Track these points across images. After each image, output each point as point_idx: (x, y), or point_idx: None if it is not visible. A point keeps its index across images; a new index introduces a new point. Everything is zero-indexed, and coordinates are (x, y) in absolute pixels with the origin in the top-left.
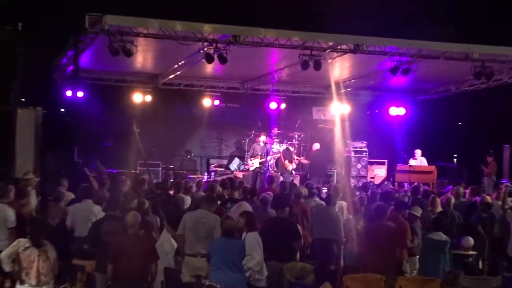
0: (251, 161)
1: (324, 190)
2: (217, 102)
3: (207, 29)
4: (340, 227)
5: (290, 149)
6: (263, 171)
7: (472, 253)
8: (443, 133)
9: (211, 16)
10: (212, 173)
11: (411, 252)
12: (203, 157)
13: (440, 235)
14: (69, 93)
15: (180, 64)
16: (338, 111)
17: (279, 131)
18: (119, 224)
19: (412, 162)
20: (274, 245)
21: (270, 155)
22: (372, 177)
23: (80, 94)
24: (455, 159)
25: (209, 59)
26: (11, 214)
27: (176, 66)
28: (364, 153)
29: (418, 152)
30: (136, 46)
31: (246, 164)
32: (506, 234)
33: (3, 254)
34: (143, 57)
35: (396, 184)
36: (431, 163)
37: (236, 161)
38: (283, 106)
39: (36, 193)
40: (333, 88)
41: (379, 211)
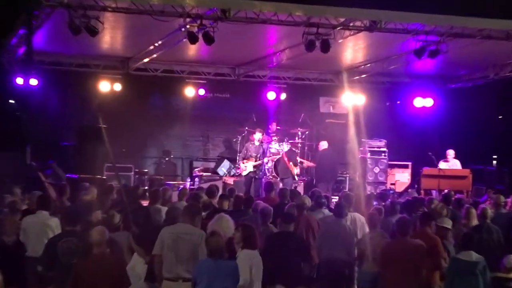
0: (243, 164)
1: (334, 200)
2: (202, 92)
3: (189, 1)
4: (352, 244)
5: (294, 149)
6: (258, 176)
7: None
8: (480, 130)
9: None
10: (196, 179)
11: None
12: (185, 159)
13: (470, 255)
14: (20, 80)
15: (156, 45)
16: (350, 102)
17: (278, 127)
18: (80, 242)
19: (442, 165)
20: (279, 266)
21: (267, 156)
22: (392, 184)
23: (34, 82)
24: (494, 161)
25: (192, 39)
26: None
27: (151, 48)
28: (383, 154)
29: (450, 153)
30: (103, 23)
31: (238, 168)
32: None
33: None
34: (111, 36)
35: (422, 192)
36: (465, 166)
37: (226, 164)
38: (283, 96)
39: None
40: (345, 75)
41: (401, 225)
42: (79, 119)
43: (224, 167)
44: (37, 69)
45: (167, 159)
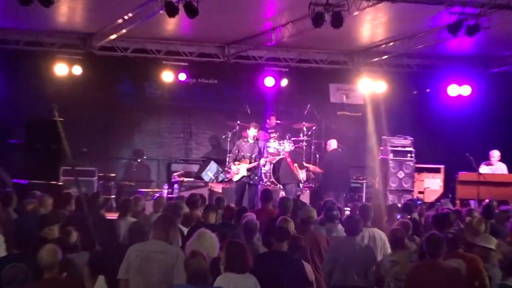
0: (235, 166)
1: (347, 213)
2: (183, 77)
3: None
4: (370, 268)
5: (299, 149)
6: (253, 182)
7: None
8: None
9: None
10: (176, 186)
11: None
12: (161, 160)
13: None
14: None
15: (126, 18)
16: (368, 90)
17: (278, 122)
18: (29, 266)
19: (483, 169)
20: None
21: (264, 157)
22: (421, 192)
23: None
24: None
25: (171, 10)
26: None
27: (120, 22)
28: (409, 154)
29: (494, 154)
30: None
31: (228, 172)
32: None
33: None
34: (69, 7)
35: (458, 202)
36: None
37: (213, 167)
38: (284, 82)
39: None
40: (361, 56)
41: (432, 244)
42: (29, 111)
43: (210, 171)
44: None
45: (139, 160)
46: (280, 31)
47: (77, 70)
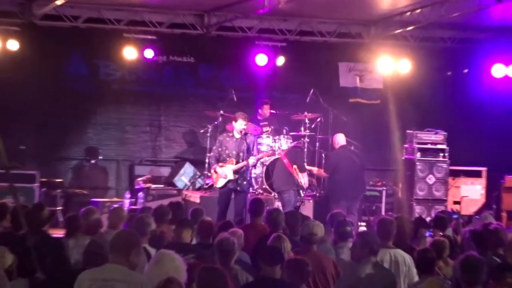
0: (221, 169)
1: (362, 229)
2: (150, 54)
3: None
4: None
5: (299, 147)
6: (241, 189)
7: None
8: None
9: None
10: (141, 194)
11: None
12: (122, 161)
13: None
14: None
15: None
16: (388, 71)
17: (272, 111)
18: None
19: None
20: None
21: (254, 155)
22: (457, 202)
23: None
24: None
25: None
26: None
27: None
28: (442, 154)
29: None
30: None
31: (208, 177)
32: None
33: None
34: None
35: (505, 214)
36: None
37: (188, 170)
38: (280, 61)
39: None
40: (380, 27)
41: (469, 269)
42: None
43: (185, 176)
44: None
45: (93, 161)
46: None
47: (13, 45)
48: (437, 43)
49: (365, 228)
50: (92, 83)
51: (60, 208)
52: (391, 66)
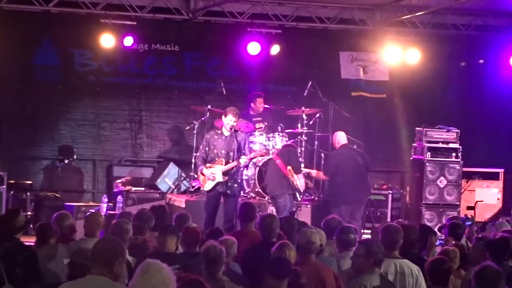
0: (208, 170)
1: (365, 236)
2: (129, 41)
3: None
4: None
5: (292, 146)
6: (232, 192)
7: None
8: None
9: None
10: (119, 198)
11: None
12: (99, 162)
13: None
14: None
15: None
16: (395, 61)
17: (266, 106)
18: None
19: None
20: None
21: (246, 155)
22: (471, 207)
23: None
24: None
25: None
26: None
27: None
28: (454, 153)
29: None
30: None
31: (195, 179)
32: None
33: None
34: None
35: None
36: None
37: (172, 171)
38: (275, 50)
39: None
40: (386, 12)
41: (488, 280)
42: None
43: (169, 177)
44: None
45: (67, 162)
46: None
47: None
48: (449, 30)
49: (370, 236)
50: (65, 74)
51: (30, 213)
52: (398, 56)
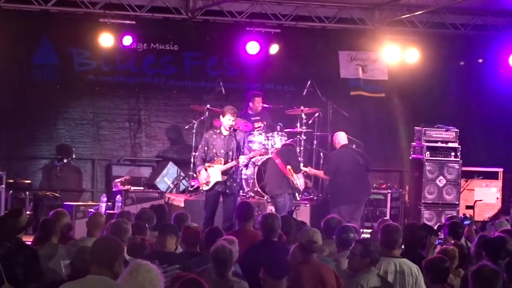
0: (205, 170)
1: (365, 235)
2: (128, 41)
3: None
4: None
5: (292, 146)
6: (231, 191)
7: None
8: None
9: None
10: (118, 197)
11: None
12: (98, 161)
13: None
14: None
15: None
16: (394, 60)
17: (265, 105)
18: None
19: None
20: None
21: (245, 154)
22: (470, 206)
23: None
24: None
25: None
26: None
27: None
28: (453, 153)
29: None
30: None
31: (194, 178)
32: None
33: None
34: None
35: None
36: None
37: (171, 170)
38: (274, 49)
39: None
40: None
41: (485, 280)
42: None
43: (168, 176)
44: None
45: (65, 161)
46: None
47: None
48: (448, 30)
49: (369, 236)
50: (63, 74)
51: (29, 212)
52: (397, 55)
